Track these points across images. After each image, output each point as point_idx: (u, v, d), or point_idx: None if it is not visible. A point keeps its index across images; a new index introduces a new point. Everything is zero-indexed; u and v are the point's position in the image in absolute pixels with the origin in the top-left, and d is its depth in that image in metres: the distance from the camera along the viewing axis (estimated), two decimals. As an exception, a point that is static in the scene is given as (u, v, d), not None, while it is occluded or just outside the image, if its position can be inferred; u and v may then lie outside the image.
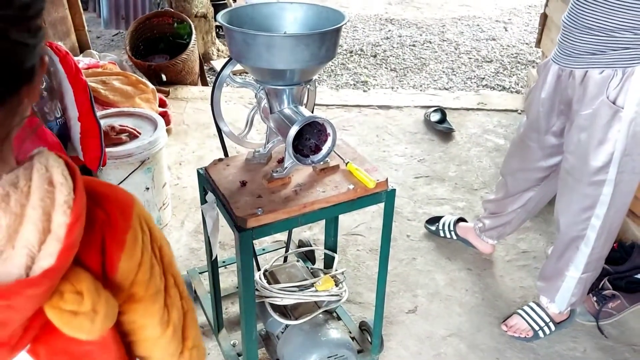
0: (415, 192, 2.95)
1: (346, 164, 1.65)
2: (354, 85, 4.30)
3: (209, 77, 4.47)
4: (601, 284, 2.19)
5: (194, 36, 3.97)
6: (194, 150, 3.28)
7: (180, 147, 3.33)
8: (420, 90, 4.18)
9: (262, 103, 1.64)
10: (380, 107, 3.82)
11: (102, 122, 2.53)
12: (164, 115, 3.50)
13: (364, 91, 4.14)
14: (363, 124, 3.61)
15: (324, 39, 1.42)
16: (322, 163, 1.60)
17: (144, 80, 3.41)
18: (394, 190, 1.63)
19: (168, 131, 3.47)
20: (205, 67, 4.58)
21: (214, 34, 4.88)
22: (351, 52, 4.97)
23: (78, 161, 2.10)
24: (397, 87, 4.24)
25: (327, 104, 3.84)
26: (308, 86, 1.56)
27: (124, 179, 2.41)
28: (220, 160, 1.72)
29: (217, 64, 4.75)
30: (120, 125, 2.44)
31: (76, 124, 2.04)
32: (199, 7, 4.56)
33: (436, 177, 3.07)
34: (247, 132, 1.76)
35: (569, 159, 1.85)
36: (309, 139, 1.59)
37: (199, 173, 1.70)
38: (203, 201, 1.68)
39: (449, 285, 2.35)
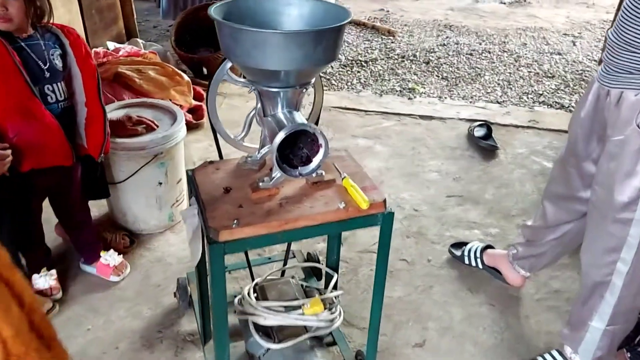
0: (444, 213, 2.73)
1: (342, 179, 1.48)
2: (400, 92, 4.10)
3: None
4: (638, 339, 1.92)
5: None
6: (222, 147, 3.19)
7: (209, 143, 3.25)
8: (470, 102, 3.94)
9: (258, 104, 1.50)
10: (422, 117, 3.62)
11: (121, 111, 2.48)
12: (199, 109, 3.44)
13: (409, 99, 3.94)
14: (400, 134, 3.42)
15: (320, 38, 1.26)
16: (314, 175, 1.45)
17: (180, 72, 3.35)
18: (392, 214, 1.45)
19: (200, 126, 3.40)
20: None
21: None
22: (403, 57, 4.77)
23: (83, 150, 2.03)
24: (446, 97, 4.01)
25: (365, 109, 3.67)
26: (304, 90, 1.41)
27: (135, 172, 2.34)
28: (211, 162, 1.60)
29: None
30: (138, 116, 2.37)
31: (82, 109, 1.98)
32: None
33: (470, 199, 2.85)
34: (244, 135, 1.63)
35: (596, 190, 1.62)
36: (302, 148, 1.44)
37: (187, 175, 1.58)
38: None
39: (466, 320, 2.14)
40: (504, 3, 6.57)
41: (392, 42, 5.10)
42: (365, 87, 4.18)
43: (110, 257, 2.25)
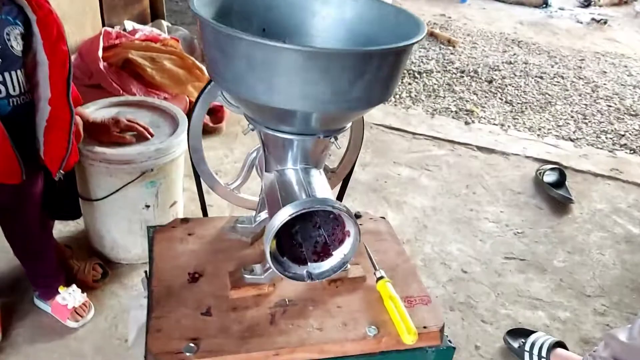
0: (500, 280, 2.16)
1: (378, 279, 0.94)
2: (456, 112, 3.52)
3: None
4: None
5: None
6: (237, 160, 2.68)
7: (224, 153, 2.74)
8: (538, 135, 3.33)
9: (260, 151, 0.98)
10: (480, 148, 3.03)
11: (111, 110, 1.99)
12: (219, 110, 2.94)
13: (466, 123, 3.36)
14: (453, 166, 2.85)
15: (369, 65, 0.73)
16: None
17: (202, 66, 2.85)
18: (452, 349, 0.90)
19: (219, 130, 2.90)
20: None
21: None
22: (463, 72, 4.17)
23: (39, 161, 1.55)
24: (509, 126, 3.41)
25: (414, 132, 3.10)
26: (332, 140, 0.87)
27: (116, 191, 1.85)
28: (184, 221, 1.08)
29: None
30: (129, 121, 1.86)
31: (45, 108, 1.48)
32: None
33: (535, 264, 2.26)
34: (241, 183, 1.11)
35: None
36: (318, 226, 0.90)
37: (148, 234, 1.07)
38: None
39: None
40: (581, 22, 5.87)
41: (452, 53, 4.50)
42: (415, 102, 3.61)
43: (69, 296, 1.76)
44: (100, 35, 2.73)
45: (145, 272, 0.98)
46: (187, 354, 0.80)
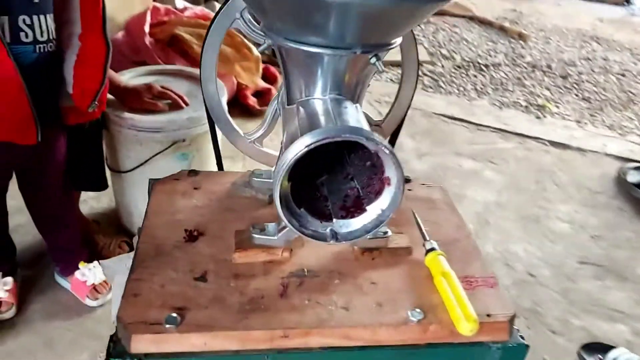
0: (573, 287, 1.87)
1: (427, 251, 0.72)
2: (526, 107, 3.21)
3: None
4: None
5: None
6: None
7: (269, 137, 2.56)
8: (619, 133, 2.98)
9: (281, 82, 0.77)
10: (553, 143, 2.72)
11: (146, 78, 1.85)
12: (267, 92, 2.77)
13: (537, 118, 3.05)
14: (522, 161, 2.56)
15: None
16: (368, 236, 0.69)
17: (251, 45, 2.69)
18: (524, 347, 0.67)
19: (260, 114, 2.73)
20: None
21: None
22: (534, 66, 3.84)
23: (71, 115, 1.41)
24: (586, 122, 3.08)
25: (478, 122, 2.83)
26: (375, 61, 0.65)
27: (146, 161, 1.70)
28: (192, 173, 0.89)
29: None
30: (163, 87, 1.71)
31: (75, 44, 1.34)
32: None
33: (614, 271, 1.96)
34: (264, 134, 0.91)
35: None
36: (351, 177, 0.69)
37: (148, 187, 0.88)
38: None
39: None
40: (667, 20, 5.38)
41: (522, 48, 4.18)
42: (481, 95, 3.33)
43: (89, 272, 1.62)
44: (148, 11, 2.63)
45: (139, 229, 0.80)
46: (168, 325, 0.60)
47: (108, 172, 1.79)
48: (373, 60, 0.65)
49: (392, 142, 0.95)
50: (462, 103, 3.11)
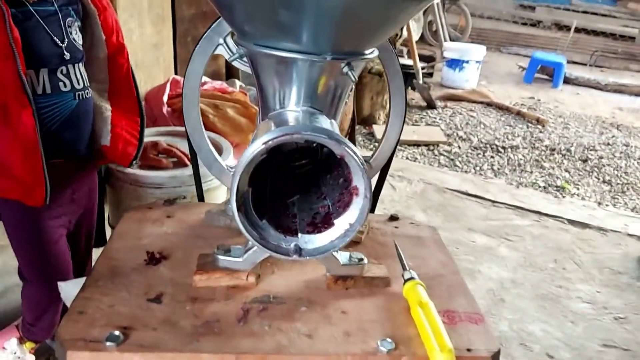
0: (597, 371, 1.72)
1: (405, 281, 0.65)
2: (544, 188, 3.14)
3: (361, 141, 3.72)
4: None
5: (350, 97, 3.27)
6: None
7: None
8: (643, 216, 2.87)
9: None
10: (572, 222, 2.63)
11: (155, 139, 1.87)
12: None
13: (555, 197, 2.97)
14: (538, 238, 2.46)
15: None
16: (340, 260, 0.64)
17: (266, 116, 2.74)
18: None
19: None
20: (363, 131, 3.87)
21: (386, 97, 4.15)
22: (553, 149, 3.81)
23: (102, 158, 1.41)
24: (607, 204, 2.98)
25: (493, 199, 2.76)
26: (348, 71, 0.62)
27: (145, 219, 1.67)
28: (168, 202, 0.85)
29: (379, 129, 3.99)
30: (169, 145, 1.71)
31: (102, 103, 1.38)
32: (375, 62, 3.88)
33: (641, 356, 1.80)
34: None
35: None
36: (324, 197, 0.64)
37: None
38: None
39: None
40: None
41: (540, 132, 4.17)
42: (498, 175, 3.28)
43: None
44: (168, 82, 2.71)
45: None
46: (108, 343, 0.54)
47: (109, 230, 1.76)
48: (345, 69, 0.62)
49: (382, 178, 0.91)
50: (477, 180, 3.07)
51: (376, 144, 0.81)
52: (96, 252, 1.94)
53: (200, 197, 0.93)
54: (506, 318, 1.93)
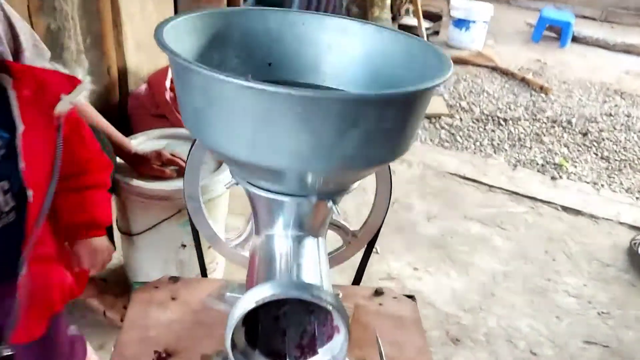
0: (576, 369, 1.84)
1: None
2: (542, 166, 3.20)
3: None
4: None
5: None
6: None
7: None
8: (637, 198, 2.94)
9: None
10: (565, 209, 2.70)
11: (159, 142, 1.93)
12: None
13: (552, 179, 3.03)
14: (532, 227, 2.54)
15: (359, 115, 0.54)
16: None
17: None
18: None
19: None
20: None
21: None
22: (554, 121, 3.83)
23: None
24: (603, 185, 3.04)
25: (490, 184, 2.83)
26: (332, 206, 0.68)
27: (151, 227, 1.75)
28: (172, 280, 0.93)
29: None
30: (172, 155, 1.77)
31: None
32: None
33: (622, 354, 1.91)
34: (245, 239, 0.95)
35: None
36: (312, 310, 0.71)
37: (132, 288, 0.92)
38: None
39: None
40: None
41: (544, 101, 4.17)
42: (497, 151, 3.33)
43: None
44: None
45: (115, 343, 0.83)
46: None
47: (117, 233, 1.85)
48: (330, 204, 0.68)
49: (369, 251, 0.98)
50: (477, 161, 3.12)
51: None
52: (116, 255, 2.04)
53: (204, 273, 1.00)
54: (495, 314, 2.04)
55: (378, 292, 0.93)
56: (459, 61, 4.71)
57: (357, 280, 0.97)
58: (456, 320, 1.98)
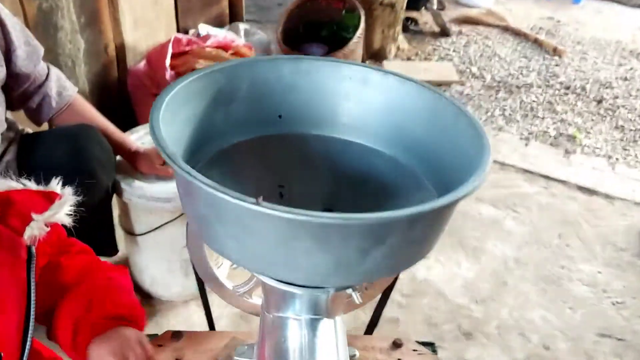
0: (590, 365, 1.82)
1: None
2: (555, 138, 3.10)
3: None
4: None
5: (359, 32, 3.13)
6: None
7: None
8: (653, 172, 2.86)
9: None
10: (580, 188, 2.63)
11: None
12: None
13: (566, 152, 2.94)
14: (545, 208, 2.48)
15: (390, 233, 0.47)
16: None
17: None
18: None
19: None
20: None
21: (398, 29, 3.97)
22: (568, 88, 3.70)
23: None
24: (617, 159, 2.95)
25: (503, 162, 2.75)
26: (352, 293, 0.62)
27: (155, 229, 1.70)
28: (176, 336, 0.87)
29: (390, 65, 3.86)
30: (174, 152, 1.70)
31: None
32: (387, -8, 3.68)
33: (636, 349, 1.88)
34: (253, 287, 0.89)
35: None
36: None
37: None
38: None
39: None
40: None
41: (557, 65, 4.02)
42: (509, 122, 3.23)
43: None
44: (169, 43, 2.61)
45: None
46: None
47: (122, 233, 1.81)
48: (349, 290, 0.62)
49: (383, 300, 0.92)
50: (488, 135, 3.02)
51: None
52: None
53: (211, 327, 0.95)
54: (508, 304, 2.00)
55: (396, 344, 0.87)
56: (468, 21, 4.54)
57: (370, 329, 0.92)
58: (468, 313, 1.95)
